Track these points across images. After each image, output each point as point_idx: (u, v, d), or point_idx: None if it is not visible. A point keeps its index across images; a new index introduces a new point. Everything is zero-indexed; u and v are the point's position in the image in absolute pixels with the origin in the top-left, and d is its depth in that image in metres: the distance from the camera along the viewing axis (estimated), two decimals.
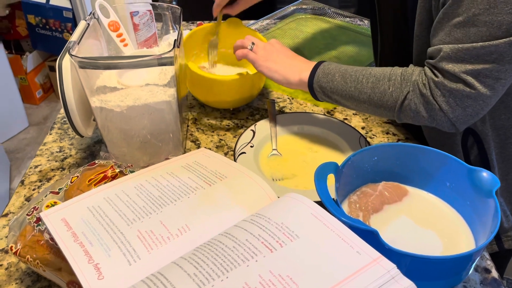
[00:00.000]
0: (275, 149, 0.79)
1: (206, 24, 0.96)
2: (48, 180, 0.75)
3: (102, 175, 0.62)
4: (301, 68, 0.73)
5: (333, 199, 0.56)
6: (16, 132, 2.40)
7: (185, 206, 0.54)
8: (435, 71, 0.62)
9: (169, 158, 0.72)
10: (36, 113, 2.55)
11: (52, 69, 2.59)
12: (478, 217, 0.59)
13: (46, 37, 2.38)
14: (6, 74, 2.28)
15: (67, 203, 0.56)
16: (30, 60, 2.45)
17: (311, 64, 0.73)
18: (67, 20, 2.29)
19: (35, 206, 0.59)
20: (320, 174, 0.55)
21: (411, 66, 0.66)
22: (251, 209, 0.54)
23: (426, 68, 0.63)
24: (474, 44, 0.56)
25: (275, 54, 0.76)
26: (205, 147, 0.82)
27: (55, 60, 2.57)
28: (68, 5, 2.26)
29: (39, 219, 0.56)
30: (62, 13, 2.27)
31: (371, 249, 0.43)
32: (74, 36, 0.68)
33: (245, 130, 0.82)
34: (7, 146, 2.29)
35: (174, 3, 1.11)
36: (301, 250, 0.43)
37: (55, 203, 0.59)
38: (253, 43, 0.78)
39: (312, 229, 0.46)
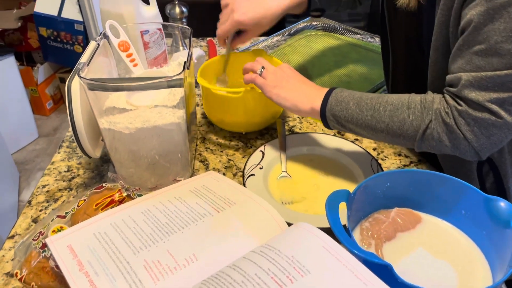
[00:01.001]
0: (284, 171, 0.77)
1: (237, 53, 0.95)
2: (56, 200, 0.74)
3: (109, 199, 0.61)
4: (312, 96, 0.70)
5: (344, 225, 0.55)
6: (26, 143, 2.41)
7: (192, 234, 0.53)
8: (458, 100, 0.60)
9: (177, 180, 0.71)
10: (46, 124, 2.56)
11: (63, 80, 2.61)
12: (495, 248, 0.57)
13: (57, 49, 2.40)
14: (17, 86, 2.30)
15: (73, 229, 0.56)
16: (41, 72, 2.48)
17: (323, 91, 0.70)
18: (78, 33, 2.31)
19: (41, 231, 0.58)
20: (332, 203, 0.54)
21: (429, 93, 0.64)
22: (261, 238, 0.52)
23: (447, 96, 0.62)
24: (497, 72, 0.55)
25: (285, 79, 0.73)
26: (214, 168, 0.81)
27: (66, 72, 2.58)
28: (80, 18, 2.29)
29: (44, 245, 0.55)
30: (74, 26, 2.29)
31: (385, 286, 0.42)
32: (84, 57, 0.67)
33: (254, 150, 0.81)
34: (16, 157, 2.30)
35: (184, 20, 1.11)
36: (312, 287, 0.42)
37: (62, 228, 0.58)
38: (263, 67, 0.75)
39: (323, 264, 0.44)
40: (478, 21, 0.55)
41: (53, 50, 2.42)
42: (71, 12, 2.29)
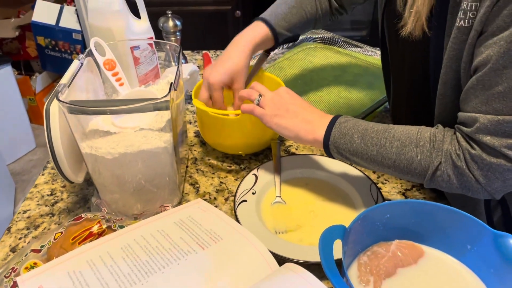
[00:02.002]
0: (278, 196, 0.73)
1: None
2: (36, 227, 0.70)
3: (87, 232, 0.57)
4: (314, 125, 0.66)
5: (340, 259, 0.50)
6: (23, 153, 2.38)
7: (174, 275, 0.49)
8: (471, 143, 0.56)
9: (164, 206, 0.67)
10: (44, 134, 2.53)
11: None
12: (504, 287, 0.52)
13: (55, 59, 2.37)
14: (14, 95, 2.27)
15: (47, 266, 0.51)
16: (39, 81, 2.45)
17: (325, 119, 0.66)
18: (77, 42, 2.28)
19: (14, 267, 0.54)
20: (325, 242, 0.49)
21: (440, 128, 0.60)
22: (248, 281, 0.48)
23: (459, 136, 0.58)
24: None
25: (284, 107, 0.68)
26: (205, 192, 0.77)
27: None
28: (78, 27, 2.26)
29: (15, 284, 0.51)
30: (72, 35, 2.26)
31: None
32: (65, 79, 0.64)
33: (247, 173, 0.76)
34: (13, 167, 2.27)
35: (178, 34, 1.07)
36: None
37: (35, 264, 0.54)
38: (260, 96, 0.71)
39: None
40: (496, 62, 0.50)
41: (51, 59, 2.39)
42: (69, 22, 2.26)
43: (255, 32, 0.80)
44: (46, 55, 2.38)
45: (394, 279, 0.56)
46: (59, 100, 0.58)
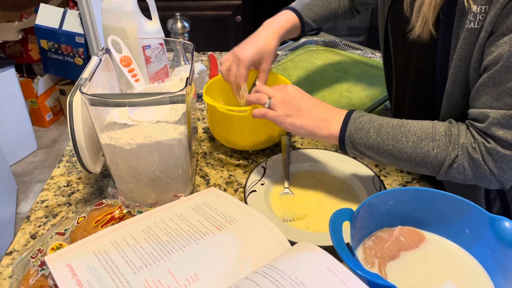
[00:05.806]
0: (287, 188, 0.77)
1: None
2: (55, 216, 0.73)
3: (109, 216, 0.60)
4: (328, 121, 0.67)
5: (347, 243, 0.54)
6: (25, 155, 2.40)
7: (194, 253, 0.52)
8: (486, 137, 0.60)
9: (177, 195, 0.70)
10: (45, 136, 2.56)
11: (63, 92, 2.61)
12: (501, 269, 0.56)
13: (57, 62, 2.41)
14: (17, 97, 2.30)
15: (73, 247, 0.55)
16: (41, 84, 2.48)
17: (339, 115, 0.67)
18: (79, 45, 2.32)
19: (40, 248, 0.58)
20: (335, 222, 0.53)
21: (453, 123, 0.63)
22: (263, 258, 0.52)
23: (473, 131, 0.61)
24: None
25: (296, 107, 0.68)
26: (215, 184, 0.80)
27: (66, 84, 2.56)
28: (81, 31, 2.30)
29: (43, 263, 0.54)
30: (75, 38, 2.30)
31: None
32: (86, 73, 0.67)
33: (256, 166, 0.80)
34: (15, 169, 2.29)
35: (186, 35, 1.11)
36: None
37: (61, 245, 0.57)
38: (269, 98, 0.71)
39: (328, 286, 0.43)
40: (507, 60, 0.54)
41: (53, 62, 2.42)
42: (72, 25, 2.30)
43: (285, 18, 0.84)
44: (49, 58, 2.41)
45: (397, 262, 0.60)
46: (82, 92, 0.62)
